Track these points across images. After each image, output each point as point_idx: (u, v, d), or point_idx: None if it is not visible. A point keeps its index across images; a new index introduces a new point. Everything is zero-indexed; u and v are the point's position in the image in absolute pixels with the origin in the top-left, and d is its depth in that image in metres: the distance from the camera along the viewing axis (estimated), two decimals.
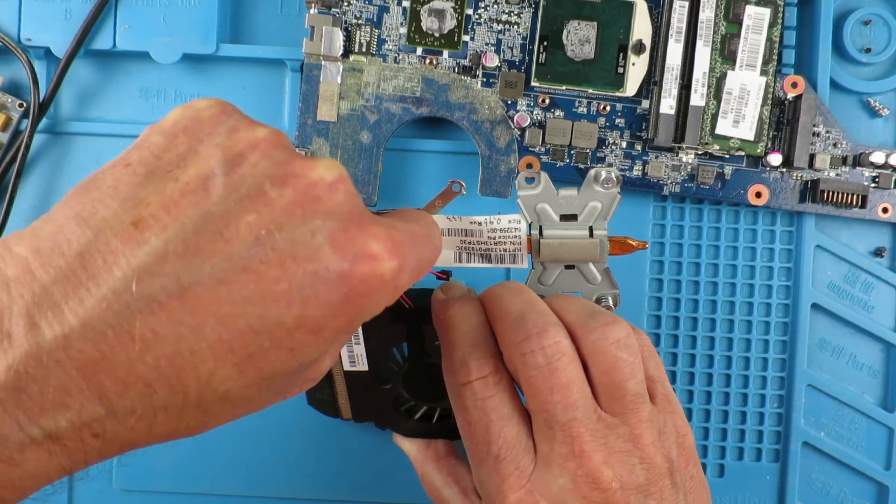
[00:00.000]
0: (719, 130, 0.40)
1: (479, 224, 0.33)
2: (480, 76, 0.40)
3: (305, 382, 0.25)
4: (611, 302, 0.35)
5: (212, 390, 0.22)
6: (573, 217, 0.33)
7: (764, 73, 0.40)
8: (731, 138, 0.40)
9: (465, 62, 0.40)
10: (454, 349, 0.31)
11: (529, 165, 0.40)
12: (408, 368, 0.36)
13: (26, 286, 0.20)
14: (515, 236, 0.33)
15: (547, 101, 0.40)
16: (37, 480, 0.21)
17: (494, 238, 0.33)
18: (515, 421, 0.30)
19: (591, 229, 0.33)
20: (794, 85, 0.40)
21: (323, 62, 0.39)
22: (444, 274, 0.35)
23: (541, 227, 0.33)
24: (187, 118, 0.24)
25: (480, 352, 0.30)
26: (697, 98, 0.39)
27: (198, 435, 0.23)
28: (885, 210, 0.41)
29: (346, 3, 0.39)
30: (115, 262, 0.20)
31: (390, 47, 0.40)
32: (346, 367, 0.35)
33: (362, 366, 0.35)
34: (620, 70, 0.40)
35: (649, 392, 0.30)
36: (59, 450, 0.20)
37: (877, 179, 0.41)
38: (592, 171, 0.33)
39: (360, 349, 0.35)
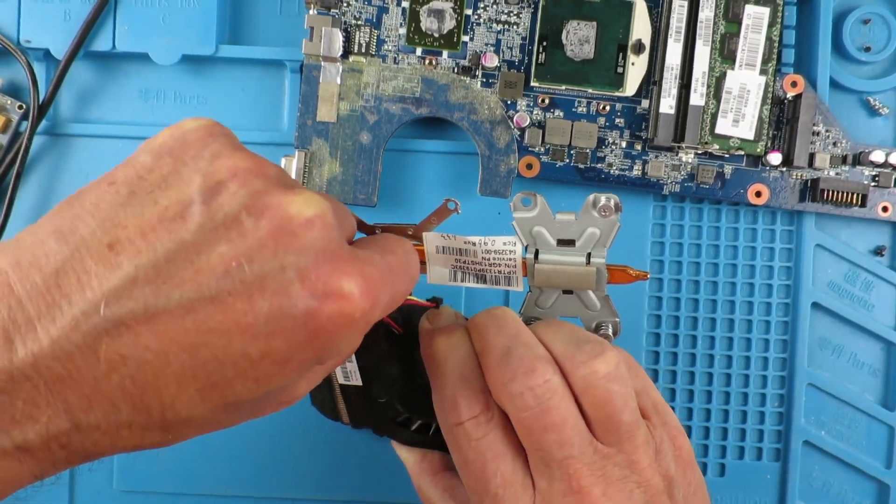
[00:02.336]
0: (719, 130, 0.40)
1: (474, 244, 0.31)
2: (480, 76, 0.40)
3: (279, 405, 0.25)
4: (610, 330, 0.33)
5: (175, 413, 0.22)
6: (571, 242, 0.32)
7: (763, 72, 0.40)
8: (730, 137, 0.40)
9: (465, 62, 0.40)
10: (443, 386, 0.30)
11: (529, 165, 0.40)
12: (402, 386, 0.36)
13: (3, 301, 0.21)
14: (510, 259, 0.31)
15: (546, 101, 0.40)
16: (8, 486, 0.22)
17: (489, 259, 0.31)
18: (510, 458, 0.29)
19: (588, 256, 0.32)
20: (794, 84, 0.40)
21: (322, 63, 0.39)
22: (434, 301, 0.33)
23: (537, 251, 0.32)
24: (174, 139, 0.24)
25: (470, 388, 0.29)
26: (697, 97, 0.39)
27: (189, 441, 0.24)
28: (884, 209, 0.41)
29: (345, 4, 0.39)
30: (88, 283, 0.21)
31: (390, 48, 0.40)
32: (341, 380, 0.35)
33: (356, 381, 0.35)
34: (620, 70, 0.40)
35: (639, 407, 0.30)
36: (29, 459, 0.21)
37: (877, 178, 0.41)
38: (591, 197, 0.31)
39: (352, 366, 0.34)
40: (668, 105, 0.39)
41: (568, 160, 0.41)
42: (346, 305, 0.22)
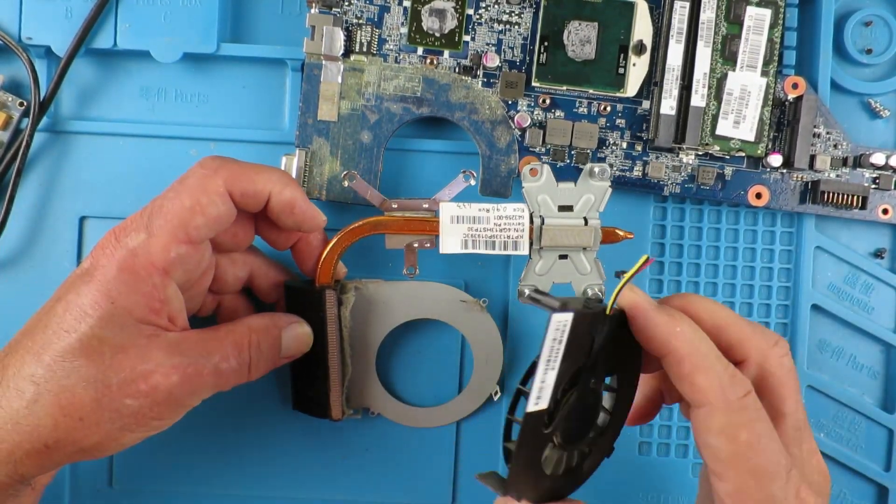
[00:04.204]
0: (720, 131, 0.40)
1: (487, 211, 0.36)
2: (481, 76, 0.40)
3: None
4: (598, 291, 0.37)
5: None
6: (569, 208, 0.36)
7: (764, 73, 0.40)
8: (731, 139, 0.40)
9: (466, 62, 0.40)
10: (713, 363, 0.29)
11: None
12: (573, 401, 0.29)
13: None
14: (519, 223, 0.36)
15: (547, 101, 0.40)
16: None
17: (500, 225, 0.36)
18: (775, 433, 0.29)
19: (585, 219, 0.36)
20: (795, 86, 0.40)
21: (324, 62, 0.39)
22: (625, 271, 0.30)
23: (542, 217, 0.36)
24: None
25: (733, 366, 0.30)
26: (698, 99, 0.39)
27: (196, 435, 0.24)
28: (885, 211, 0.41)
29: (346, 3, 0.39)
30: None
31: (391, 47, 0.40)
32: (531, 407, 0.27)
33: (544, 403, 0.28)
34: (621, 70, 0.40)
35: None
36: None
37: (877, 181, 0.41)
38: (588, 167, 0.36)
39: (551, 376, 0.27)
40: (668, 106, 0.39)
41: (569, 160, 0.41)
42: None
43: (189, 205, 0.32)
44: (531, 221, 0.36)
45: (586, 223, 0.36)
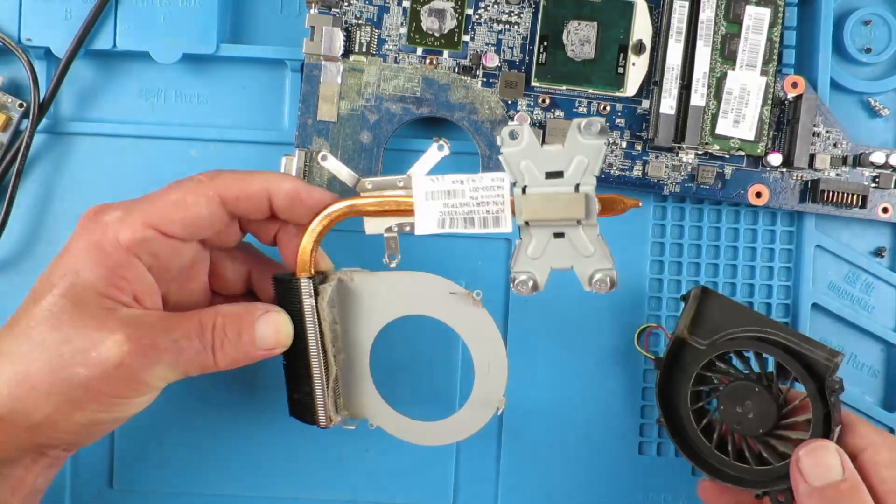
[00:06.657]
0: (719, 130, 0.40)
1: (462, 182, 0.32)
2: (480, 76, 0.40)
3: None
4: (607, 278, 0.31)
5: None
6: (559, 174, 0.31)
7: (764, 73, 0.40)
8: (731, 138, 0.40)
9: (466, 62, 0.40)
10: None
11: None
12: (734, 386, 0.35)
13: None
14: (498, 195, 0.31)
15: (547, 101, 0.40)
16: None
17: (477, 198, 0.32)
18: None
19: (577, 186, 0.30)
20: (795, 85, 0.40)
21: (323, 62, 0.39)
22: None
23: (524, 187, 0.31)
24: None
25: None
26: (698, 98, 0.39)
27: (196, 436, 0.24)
28: (885, 210, 0.41)
29: (346, 3, 0.39)
30: None
31: (390, 47, 0.40)
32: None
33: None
34: (621, 70, 0.40)
35: None
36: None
37: (877, 179, 0.41)
38: (575, 122, 0.30)
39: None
40: (668, 105, 0.39)
41: None
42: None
43: (174, 199, 0.33)
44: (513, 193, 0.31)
45: (577, 190, 0.30)
